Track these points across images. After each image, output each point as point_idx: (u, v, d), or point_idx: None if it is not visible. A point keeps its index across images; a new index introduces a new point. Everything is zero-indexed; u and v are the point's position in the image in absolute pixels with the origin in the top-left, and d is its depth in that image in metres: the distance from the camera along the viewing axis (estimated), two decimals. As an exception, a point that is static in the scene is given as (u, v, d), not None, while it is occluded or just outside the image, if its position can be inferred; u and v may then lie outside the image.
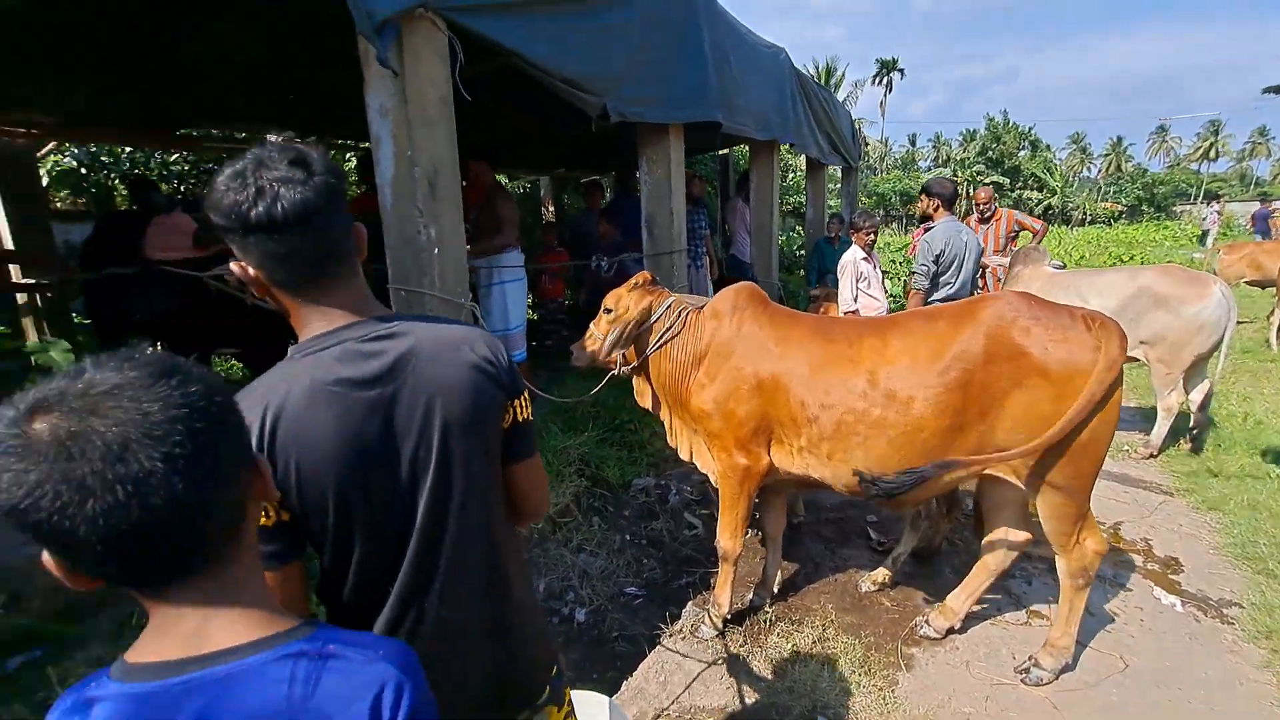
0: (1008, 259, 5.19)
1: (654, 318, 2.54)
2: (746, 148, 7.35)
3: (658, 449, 3.90)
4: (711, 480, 2.56)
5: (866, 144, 40.10)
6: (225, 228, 0.86)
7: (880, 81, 52.23)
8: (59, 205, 8.02)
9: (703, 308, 2.55)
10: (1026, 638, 2.56)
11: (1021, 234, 6.06)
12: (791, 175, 13.05)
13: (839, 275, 4.78)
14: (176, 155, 8.45)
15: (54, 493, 0.54)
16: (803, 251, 9.18)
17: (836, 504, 3.68)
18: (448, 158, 2.32)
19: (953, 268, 4.04)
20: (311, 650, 0.64)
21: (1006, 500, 2.39)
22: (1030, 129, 39.13)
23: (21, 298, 5.29)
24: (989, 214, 5.81)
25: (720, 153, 9.35)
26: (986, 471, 2.19)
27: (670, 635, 2.61)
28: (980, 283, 5.61)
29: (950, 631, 2.59)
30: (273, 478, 0.79)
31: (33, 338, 5.30)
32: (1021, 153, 38.20)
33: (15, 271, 5.19)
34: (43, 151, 5.86)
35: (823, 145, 6.59)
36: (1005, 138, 38.03)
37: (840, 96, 24.93)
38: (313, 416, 0.87)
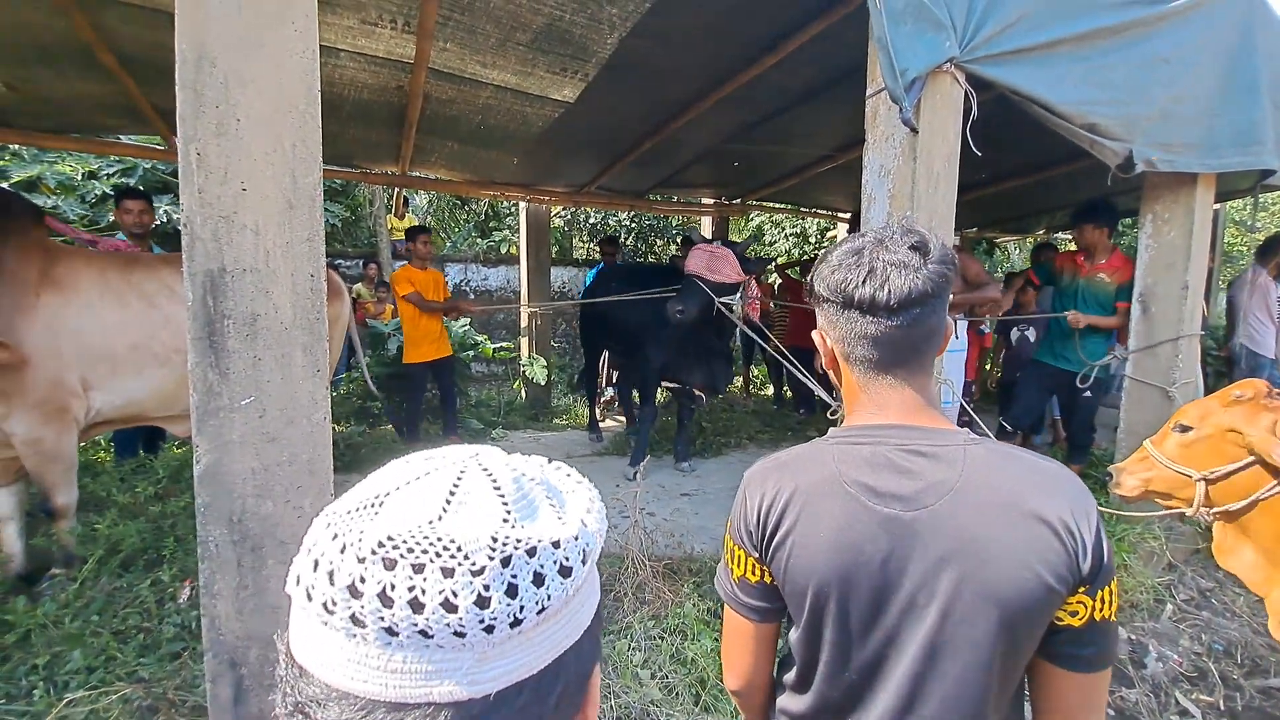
0: None
1: None
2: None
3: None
4: None
5: None
6: (825, 298, 0.87)
7: None
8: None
9: None
10: None
11: None
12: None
13: None
14: (634, 214, 10.35)
15: None
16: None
17: None
18: (946, 216, 2.12)
19: None
20: None
21: None
22: None
23: (523, 322, 6.99)
24: None
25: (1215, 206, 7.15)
26: None
27: None
28: None
29: None
30: (767, 546, 0.86)
31: (525, 353, 6.95)
32: None
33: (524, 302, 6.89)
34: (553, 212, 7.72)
35: None
36: None
37: None
38: (820, 506, 0.83)
